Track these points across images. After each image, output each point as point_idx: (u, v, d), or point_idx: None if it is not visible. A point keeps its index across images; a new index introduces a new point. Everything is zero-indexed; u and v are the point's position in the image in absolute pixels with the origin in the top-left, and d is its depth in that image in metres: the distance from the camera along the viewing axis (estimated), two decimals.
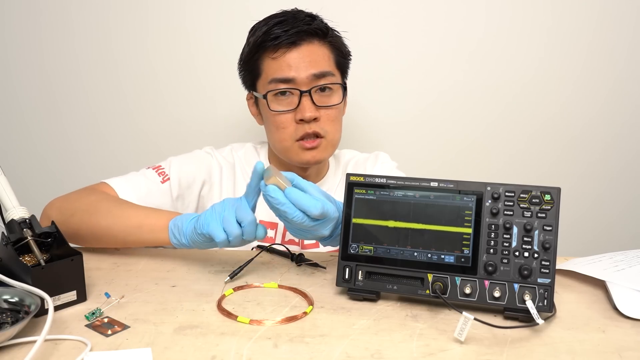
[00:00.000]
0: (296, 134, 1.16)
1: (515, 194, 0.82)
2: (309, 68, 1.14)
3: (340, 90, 1.19)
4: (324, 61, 1.16)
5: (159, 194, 1.17)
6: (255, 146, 1.32)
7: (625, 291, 0.86)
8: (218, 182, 1.25)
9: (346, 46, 1.24)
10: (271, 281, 0.94)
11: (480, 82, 1.61)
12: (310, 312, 0.83)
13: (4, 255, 0.84)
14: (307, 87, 1.14)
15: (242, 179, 1.26)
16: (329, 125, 1.17)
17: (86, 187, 1.14)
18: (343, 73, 1.23)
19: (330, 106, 1.17)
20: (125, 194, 1.12)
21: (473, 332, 0.76)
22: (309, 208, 0.84)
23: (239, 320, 0.80)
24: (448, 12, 1.58)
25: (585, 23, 1.57)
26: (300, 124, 1.15)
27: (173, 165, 1.21)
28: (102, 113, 1.67)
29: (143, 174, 1.19)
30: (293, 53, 1.14)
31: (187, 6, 1.59)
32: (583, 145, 1.65)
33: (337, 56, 1.20)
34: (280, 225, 1.23)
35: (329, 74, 1.16)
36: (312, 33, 1.15)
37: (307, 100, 1.14)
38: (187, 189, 1.21)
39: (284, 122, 1.16)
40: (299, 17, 1.16)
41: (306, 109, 1.13)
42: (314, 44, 1.16)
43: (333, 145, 1.21)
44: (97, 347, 0.72)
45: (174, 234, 0.95)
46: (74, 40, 1.63)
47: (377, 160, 1.31)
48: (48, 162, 1.71)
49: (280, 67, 1.14)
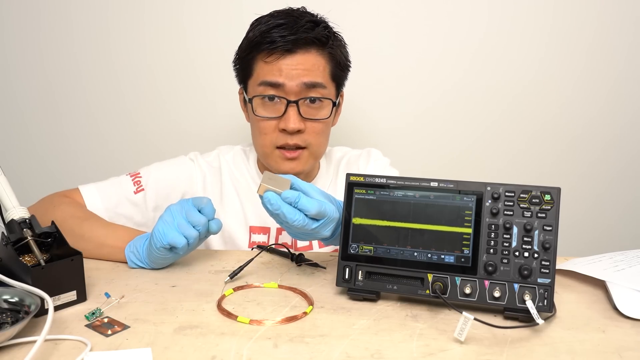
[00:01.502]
0: (277, 142, 1.14)
1: (515, 194, 0.82)
2: (301, 76, 1.10)
3: (330, 105, 1.16)
4: (317, 72, 1.12)
5: (129, 204, 1.17)
6: (244, 149, 1.30)
7: (625, 291, 0.86)
8: (201, 191, 1.23)
9: (346, 56, 1.20)
10: (271, 281, 0.94)
11: (480, 83, 1.61)
12: (310, 312, 0.83)
13: (4, 255, 0.84)
14: (296, 97, 1.11)
15: (230, 183, 1.24)
16: (313, 137, 1.14)
17: (57, 194, 1.14)
18: (338, 85, 1.19)
19: (317, 120, 1.14)
20: (94, 204, 1.13)
21: (473, 332, 0.76)
22: (306, 209, 0.84)
23: (239, 321, 0.80)
24: (448, 14, 1.58)
25: (586, 24, 1.57)
26: (283, 132, 1.13)
27: (152, 175, 1.20)
28: (101, 113, 1.67)
29: (119, 181, 1.19)
30: (287, 60, 1.10)
31: (186, 7, 1.59)
32: (583, 145, 1.65)
33: (333, 67, 1.15)
34: (273, 229, 1.21)
35: (320, 85, 1.12)
36: (310, 42, 1.11)
37: (293, 110, 1.11)
38: (164, 199, 1.19)
39: (267, 129, 1.14)
40: (300, 22, 1.11)
41: (290, 120, 1.11)
42: (310, 53, 1.12)
43: (316, 156, 1.19)
44: (97, 347, 0.72)
45: (131, 260, 0.98)
46: (73, 40, 1.63)
47: (370, 158, 1.29)
48: (47, 162, 1.71)
49: (271, 71, 1.11)
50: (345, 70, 1.20)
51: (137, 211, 1.17)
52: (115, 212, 1.15)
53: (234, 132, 1.62)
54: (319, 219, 0.86)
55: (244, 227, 1.21)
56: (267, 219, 1.20)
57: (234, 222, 1.21)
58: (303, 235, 0.90)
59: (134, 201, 1.17)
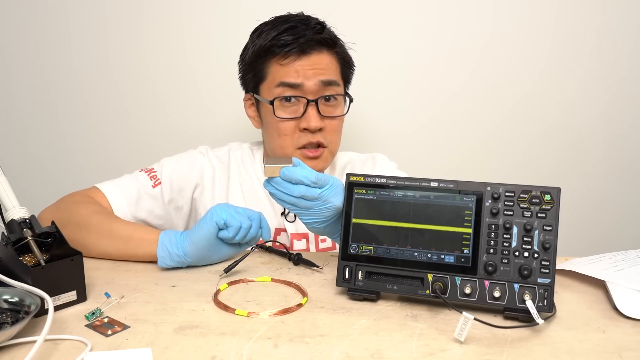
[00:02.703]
0: (298, 142, 1.16)
1: (515, 194, 0.82)
2: (318, 75, 1.13)
3: (344, 102, 1.19)
4: (331, 70, 1.16)
5: (149, 198, 1.17)
6: (251, 147, 1.31)
7: (625, 291, 0.86)
8: (210, 185, 1.24)
9: (350, 57, 1.23)
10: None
11: (484, 87, 1.61)
12: (305, 303, 0.84)
13: (4, 255, 0.84)
14: (314, 96, 1.14)
15: (237, 181, 1.25)
16: (331, 135, 1.17)
17: (77, 193, 1.14)
18: (347, 83, 1.23)
19: (335, 117, 1.17)
20: (116, 200, 1.13)
21: (473, 332, 0.76)
22: (305, 175, 0.86)
23: (237, 313, 0.81)
24: (452, 17, 1.57)
25: (588, 27, 1.57)
26: (304, 132, 1.15)
27: (165, 169, 1.21)
28: (99, 114, 1.67)
29: (135, 177, 1.19)
30: (302, 60, 1.13)
31: (184, 8, 1.59)
32: (586, 147, 1.65)
33: (342, 66, 1.19)
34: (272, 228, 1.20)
35: (335, 83, 1.16)
36: (322, 42, 1.14)
37: (313, 109, 1.14)
38: (179, 192, 1.21)
39: (287, 129, 1.15)
40: (309, 24, 1.15)
41: (312, 119, 1.13)
42: (323, 53, 1.15)
43: (333, 155, 1.21)
44: (97, 347, 0.72)
45: (165, 247, 0.97)
46: (71, 41, 1.63)
47: (376, 163, 1.29)
48: (45, 163, 1.70)
49: (288, 72, 1.13)
50: (352, 69, 1.24)
51: (157, 204, 1.19)
52: (138, 206, 1.15)
53: (234, 132, 1.62)
54: (321, 186, 0.87)
55: None
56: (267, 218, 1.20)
57: None
58: (315, 213, 0.89)
59: (153, 195, 1.18)
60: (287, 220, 1.21)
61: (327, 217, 0.90)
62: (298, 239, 1.21)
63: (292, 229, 1.21)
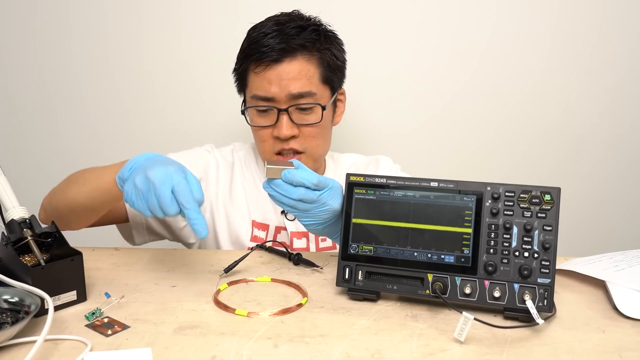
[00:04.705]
0: (274, 149, 1.16)
1: (515, 194, 0.82)
2: (289, 86, 1.11)
3: (319, 110, 1.16)
4: (305, 79, 1.13)
5: None
6: (253, 147, 1.32)
7: (625, 291, 0.86)
8: (214, 180, 1.25)
9: (340, 55, 1.19)
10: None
11: (485, 87, 1.61)
12: (305, 303, 0.84)
13: (4, 255, 0.84)
14: (286, 104, 1.13)
15: (239, 179, 1.26)
16: (309, 141, 1.16)
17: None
18: (333, 86, 1.19)
19: (310, 124, 1.15)
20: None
21: (473, 332, 0.76)
22: (305, 178, 0.85)
23: (237, 313, 0.81)
24: (453, 18, 1.57)
25: (589, 27, 1.57)
26: (278, 140, 1.15)
27: None
28: (99, 115, 1.67)
29: None
30: (274, 70, 1.11)
31: (183, 8, 1.59)
32: (586, 147, 1.65)
33: (324, 70, 1.15)
34: (272, 227, 1.22)
35: (307, 94, 1.13)
36: (295, 48, 1.12)
37: (284, 118, 1.13)
38: None
39: (264, 136, 1.17)
40: (286, 29, 1.12)
41: (283, 128, 1.13)
42: (296, 60, 1.12)
43: (315, 158, 1.20)
44: (97, 347, 0.72)
45: (124, 168, 0.89)
46: (70, 41, 1.62)
47: (379, 166, 1.29)
48: (45, 163, 1.70)
49: (261, 83, 1.13)
50: (338, 71, 1.20)
51: None
52: None
53: (234, 132, 1.62)
54: (321, 189, 0.87)
55: (247, 222, 1.23)
56: (268, 216, 1.22)
57: (238, 215, 1.23)
58: (313, 215, 0.89)
59: None
60: (287, 218, 1.21)
61: (325, 220, 0.90)
62: (298, 237, 1.21)
63: (292, 227, 1.21)
